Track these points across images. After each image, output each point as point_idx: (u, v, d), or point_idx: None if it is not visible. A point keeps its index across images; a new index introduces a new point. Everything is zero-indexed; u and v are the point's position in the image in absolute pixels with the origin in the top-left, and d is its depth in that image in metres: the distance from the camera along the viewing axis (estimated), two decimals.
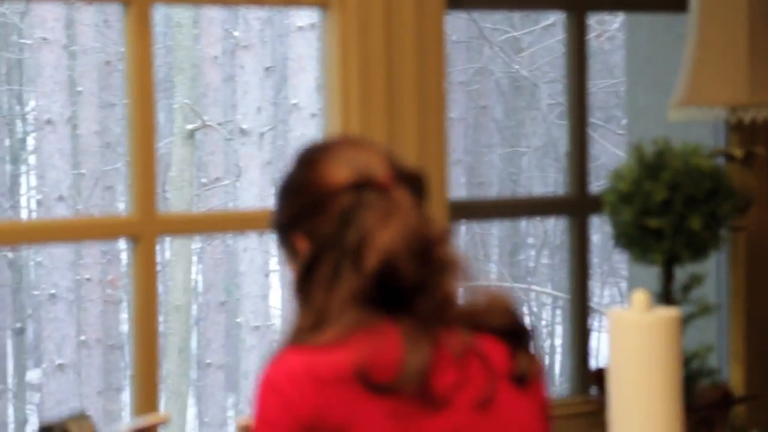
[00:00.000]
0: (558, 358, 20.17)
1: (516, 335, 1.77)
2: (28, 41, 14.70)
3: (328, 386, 1.66)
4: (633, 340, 2.94)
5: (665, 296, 3.15)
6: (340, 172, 1.73)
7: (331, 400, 1.66)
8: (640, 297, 2.95)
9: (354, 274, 1.70)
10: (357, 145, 1.77)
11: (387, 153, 1.78)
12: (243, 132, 12.75)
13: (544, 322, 19.63)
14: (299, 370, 1.66)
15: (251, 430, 1.92)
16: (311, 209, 1.74)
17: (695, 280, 3.18)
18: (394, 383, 1.67)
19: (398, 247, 1.71)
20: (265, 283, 13.51)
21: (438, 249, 1.74)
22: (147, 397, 2.97)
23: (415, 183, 1.78)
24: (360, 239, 1.70)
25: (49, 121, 12.17)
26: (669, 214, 3.06)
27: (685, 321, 3.14)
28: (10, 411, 17.64)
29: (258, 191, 12.86)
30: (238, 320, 14.52)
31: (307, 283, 1.73)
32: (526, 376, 1.76)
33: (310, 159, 1.76)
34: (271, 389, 1.67)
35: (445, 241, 1.75)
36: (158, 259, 2.93)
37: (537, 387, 1.79)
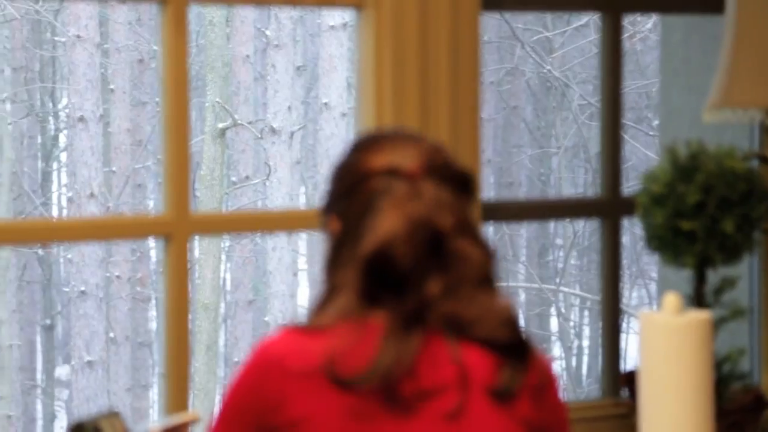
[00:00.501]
0: (585, 359, 20.13)
1: (507, 348, 1.71)
2: (62, 39, 14.78)
3: (290, 377, 1.66)
4: (664, 342, 2.92)
5: (697, 299, 3.14)
6: (376, 159, 1.75)
7: (291, 392, 1.66)
8: (671, 300, 2.94)
9: (358, 256, 1.70)
10: (403, 137, 1.79)
11: (431, 148, 1.78)
12: (273, 131, 12.77)
13: (572, 324, 19.58)
14: (273, 354, 1.68)
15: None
16: (345, 192, 1.76)
17: (727, 283, 3.17)
18: (357, 379, 1.64)
19: (397, 235, 1.69)
20: (293, 281, 13.53)
21: (450, 244, 1.71)
22: (177, 395, 2.98)
23: (454, 180, 1.77)
24: (369, 224, 1.71)
25: (81, 119, 12.22)
26: (702, 217, 3.05)
27: (717, 324, 3.12)
28: (39, 407, 17.73)
29: (287, 190, 12.88)
30: (266, 318, 14.56)
31: (330, 261, 1.75)
32: (509, 391, 1.70)
33: (357, 146, 1.80)
34: (247, 366, 1.70)
35: (459, 237, 1.72)
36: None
37: (523, 402, 1.72)
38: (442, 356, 1.68)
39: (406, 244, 1.69)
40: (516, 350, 1.72)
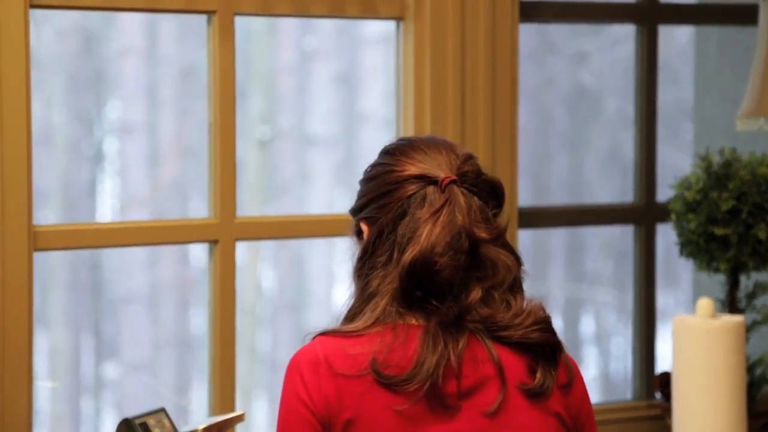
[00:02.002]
0: (618, 363, 20.07)
1: (539, 350, 1.77)
2: (111, 49, 14.93)
3: (342, 378, 1.72)
4: (698, 346, 2.97)
5: (730, 304, 3.19)
6: (409, 166, 1.80)
7: (344, 392, 1.71)
8: (705, 304, 2.99)
9: (394, 266, 1.75)
10: (434, 144, 1.83)
11: (462, 156, 1.83)
12: (313, 139, 12.86)
13: (605, 328, 19.53)
14: (320, 358, 1.73)
15: None
16: (378, 197, 1.81)
17: (760, 288, 3.21)
18: (405, 378, 1.70)
19: (438, 244, 1.74)
20: (331, 286, 13.57)
21: (485, 251, 1.77)
22: (223, 396, 3.06)
23: (485, 188, 1.82)
24: (407, 233, 1.76)
25: (129, 127, 12.36)
26: (735, 223, 3.09)
27: (750, 328, 3.17)
28: (87, 407, 17.88)
29: (327, 198, 12.95)
30: (306, 323, 14.64)
31: (361, 269, 1.81)
32: (543, 390, 1.76)
33: (390, 151, 1.84)
34: (294, 371, 1.75)
35: (492, 244, 1.77)
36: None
37: (554, 399, 1.78)
38: (481, 356, 1.75)
39: (447, 252, 1.74)
40: (548, 351, 1.78)
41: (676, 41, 4.12)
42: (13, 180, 2.76)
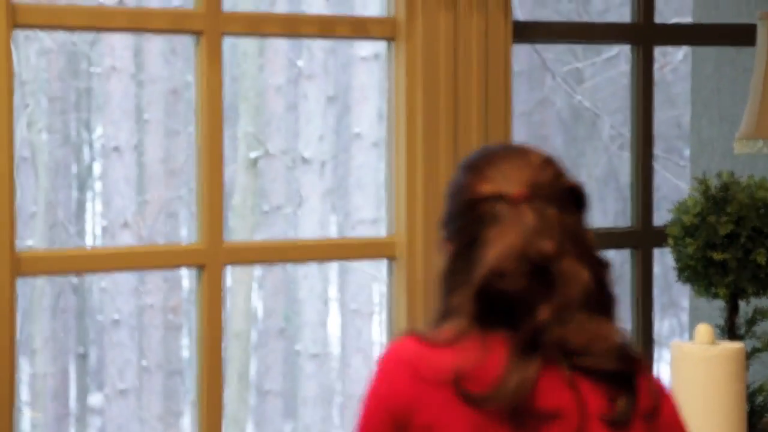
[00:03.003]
0: None
1: (615, 378, 1.73)
2: (98, 69, 14.91)
3: (424, 383, 1.70)
4: (697, 373, 2.92)
5: (729, 330, 3.14)
6: (483, 184, 1.78)
7: (424, 397, 1.70)
8: (704, 330, 2.94)
9: (469, 287, 1.74)
10: (510, 155, 1.80)
11: (538, 165, 1.79)
12: (305, 160, 12.82)
13: None
14: (405, 358, 1.72)
15: None
16: (456, 216, 1.81)
17: (760, 314, 3.16)
18: (487, 396, 1.69)
19: (503, 264, 1.72)
20: (324, 310, 13.55)
21: (555, 266, 1.73)
22: (210, 423, 3.00)
23: (561, 197, 1.78)
24: (479, 252, 1.75)
25: (115, 149, 12.31)
26: (734, 248, 3.04)
27: (750, 355, 3.11)
28: None
29: (318, 219, 12.91)
30: (297, 347, 14.59)
31: (444, 283, 1.79)
32: (623, 419, 1.72)
33: (467, 167, 1.83)
34: (382, 367, 1.74)
35: (564, 258, 1.73)
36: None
37: (637, 428, 1.74)
38: (558, 381, 1.72)
39: (513, 272, 1.72)
40: (624, 379, 1.73)
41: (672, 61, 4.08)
42: None
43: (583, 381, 1.74)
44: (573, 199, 1.79)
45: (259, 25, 3.03)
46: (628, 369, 1.73)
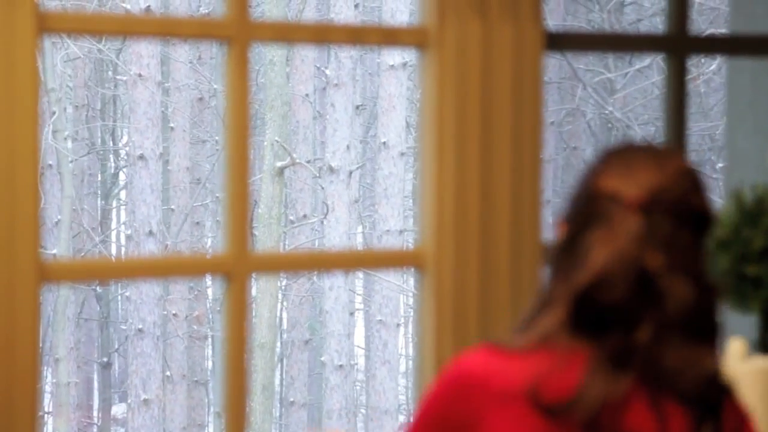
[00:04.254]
0: None
1: (705, 403, 1.67)
2: (124, 77, 14.95)
3: (493, 397, 1.65)
4: None
5: (763, 345, 3.09)
6: (607, 180, 1.71)
7: (487, 416, 1.65)
8: (737, 345, 2.89)
9: (568, 283, 1.68)
10: (647, 157, 1.72)
11: (672, 175, 1.71)
12: (332, 170, 12.80)
13: None
14: (476, 373, 1.67)
15: None
16: (575, 201, 1.74)
17: None
18: (561, 408, 1.63)
19: (609, 272, 1.65)
20: (349, 321, 13.52)
21: (659, 282, 1.66)
22: None
23: (681, 214, 1.69)
24: (584, 250, 1.68)
25: (141, 157, 12.33)
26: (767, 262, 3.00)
27: None
28: None
29: (345, 229, 12.89)
30: (322, 359, 14.56)
31: (551, 266, 1.74)
32: None
33: (603, 158, 1.76)
34: (441, 383, 1.69)
35: (670, 275, 1.65)
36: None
37: None
38: (643, 402, 1.65)
39: (617, 282, 1.65)
40: (711, 407, 1.67)
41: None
42: (22, 212, 2.68)
43: (670, 405, 1.67)
44: (696, 218, 1.70)
45: (289, 34, 3.01)
46: (716, 397, 1.67)
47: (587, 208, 1.70)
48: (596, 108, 16.25)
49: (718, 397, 1.67)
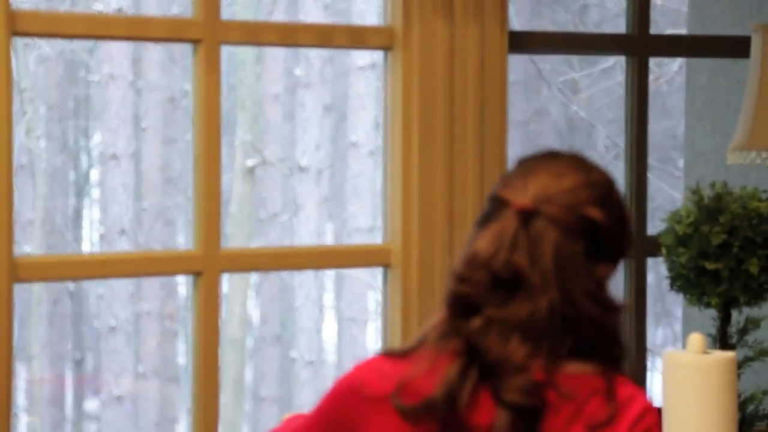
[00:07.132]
0: None
1: (516, 411, 1.64)
2: (96, 77, 14.92)
3: (368, 402, 1.69)
4: (688, 382, 2.94)
5: (721, 339, 3.16)
6: (505, 186, 1.75)
7: (366, 415, 1.69)
8: (696, 339, 2.96)
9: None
10: (547, 169, 1.74)
11: (567, 186, 1.71)
12: (301, 169, 12.83)
13: None
14: (355, 383, 1.71)
15: None
16: (482, 208, 1.83)
17: (752, 324, 3.18)
18: (416, 408, 1.65)
19: (467, 267, 1.68)
20: (319, 317, 13.55)
21: (520, 286, 1.66)
22: (206, 429, 3.01)
23: (575, 224, 1.69)
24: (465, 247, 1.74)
25: (113, 156, 12.33)
26: (727, 258, 3.06)
27: (741, 364, 3.13)
28: None
29: (315, 227, 12.92)
30: (292, 354, 14.59)
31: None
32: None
33: (513, 166, 1.79)
34: (337, 384, 1.74)
35: (529, 280, 1.66)
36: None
37: None
38: (484, 398, 1.67)
39: (472, 278, 1.67)
40: (525, 415, 1.65)
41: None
42: None
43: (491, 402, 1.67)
44: (591, 232, 1.70)
45: (258, 34, 3.05)
46: (528, 406, 1.64)
47: (487, 211, 1.75)
48: (561, 108, 16.33)
49: (532, 407, 1.64)
